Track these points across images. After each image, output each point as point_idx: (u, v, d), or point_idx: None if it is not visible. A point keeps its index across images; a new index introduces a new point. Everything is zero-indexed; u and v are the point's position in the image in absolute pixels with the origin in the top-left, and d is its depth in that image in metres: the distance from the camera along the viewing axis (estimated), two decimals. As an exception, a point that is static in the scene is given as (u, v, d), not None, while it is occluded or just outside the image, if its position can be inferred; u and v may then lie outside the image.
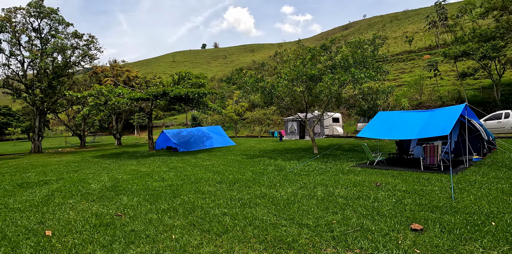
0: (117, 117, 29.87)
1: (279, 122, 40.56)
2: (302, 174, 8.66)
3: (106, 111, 18.33)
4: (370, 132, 10.05)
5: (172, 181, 8.24)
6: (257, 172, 9.38)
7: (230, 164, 11.69)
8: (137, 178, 9.11)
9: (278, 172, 9.27)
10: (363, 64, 12.52)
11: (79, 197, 6.69)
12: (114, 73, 28.24)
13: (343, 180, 7.60)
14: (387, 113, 10.97)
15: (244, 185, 7.44)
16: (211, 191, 6.83)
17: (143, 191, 7.04)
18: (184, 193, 6.75)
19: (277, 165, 10.79)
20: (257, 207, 5.40)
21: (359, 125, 23.40)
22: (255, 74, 13.82)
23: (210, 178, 8.54)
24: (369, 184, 7.00)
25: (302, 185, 7.14)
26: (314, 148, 14.43)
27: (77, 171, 11.21)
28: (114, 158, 16.07)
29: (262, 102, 14.59)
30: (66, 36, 24.74)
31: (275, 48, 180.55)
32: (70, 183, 8.55)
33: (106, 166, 12.67)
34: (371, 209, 5.03)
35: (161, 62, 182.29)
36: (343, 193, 6.20)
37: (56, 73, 23.39)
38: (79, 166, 13.10)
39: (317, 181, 7.54)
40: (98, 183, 8.42)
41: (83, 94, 16.51)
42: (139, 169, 11.08)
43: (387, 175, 8.10)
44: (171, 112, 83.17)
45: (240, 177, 8.51)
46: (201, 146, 21.17)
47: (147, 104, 20.70)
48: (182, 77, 19.87)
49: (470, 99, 29.26)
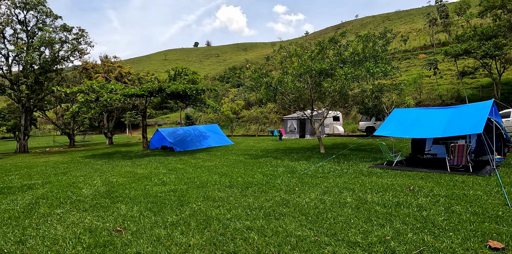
0: (108, 115, 28.58)
1: (276, 121, 39.78)
2: (318, 176, 7.83)
3: (97, 109, 17.17)
4: (388, 130, 9.30)
5: (175, 185, 7.31)
6: (267, 174, 8.52)
7: (234, 164, 10.80)
8: (134, 181, 8.14)
9: (290, 174, 8.43)
10: (374, 59, 11.77)
11: (69, 206, 5.70)
12: (105, 69, 26.92)
13: (368, 183, 6.80)
14: (403, 110, 10.25)
15: (258, 189, 6.57)
16: (223, 197, 5.94)
17: (143, 198, 6.10)
18: (192, 200, 5.84)
19: (286, 166, 9.95)
20: (284, 218, 4.54)
21: (361, 124, 22.77)
22: (259, 69, 12.93)
23: (217, 181, 7.63)
24: (400, 188, 6.22)
25: (325, 190, 6.31)
26: (320, 147, 13.65)
27: (66, 173, 10.15)
28: (106, 158, 14.98)
29: (265, 99, 13.62)
30: (54, 30, 23.38)
31: (268, 47, 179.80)
32: (58, 188, 7.53)
33: (98, 167, 11.62)
34: (423, 220, 4.22)
35: (153, 60, 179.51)
36: (377, 199, 5.39)
37: (44, 68, 22.04)
38: (68, 167, 12.01)
39: (340, 185, 6.72)
40: (90, 187, 7.43)
41: (72, 90, 15.36)
42: (135, 171, 10.09)
43: (414, 177, 7.35)
44: (163, 111, 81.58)
45: (251, 180, 7.64)
46: (198, 145, 20.20)
47: (141, 102, 19.61)
48: (178, 73, 18.84)
49: (470, 98, 29.00)
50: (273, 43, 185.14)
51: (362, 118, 22.85)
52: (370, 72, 10.04)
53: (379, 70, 9.98)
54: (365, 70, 10.10)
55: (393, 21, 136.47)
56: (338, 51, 12.37)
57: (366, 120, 22.33)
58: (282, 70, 12.44)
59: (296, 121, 24.41)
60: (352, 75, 10.13)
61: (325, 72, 11.09)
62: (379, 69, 9.98)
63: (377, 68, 9.97)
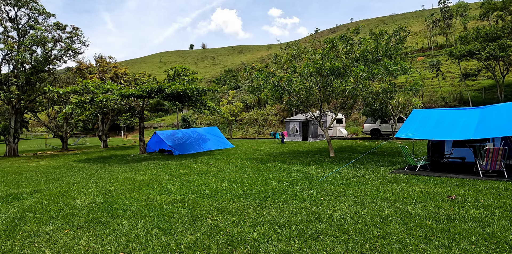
0: (103, 117, 27.56)
1: (275, 124, 39.06)
2: (340, 183, 7.08)
3: (92, 110, 16.25)
4: (411, 132, 8.60)
5: (182, 195, 6.48)
6: (282, 180, 7.75)
7: (241, 170, 10.00)
8: (134, 189, 7.29)
9: (307, 180, 7.67)
10: (388, 58, 11.11)
11: (60, 221, 4.85)
12: (100, 69, 25.95)
13: (400, 191, 6.07)
14: (424, 111, 9.58)
15: (278, 199, 5.79)
16: (240, 210, 5.15)
17: (147, 210, 5.27)
18: (205, 213, 5.03)
19: (299, 171, 9.19)
20: (323, 237, 3.76)
21: (366, 126, 22.14)
22: (266, 68, 12.20)
23: (228, 190, 6.83)
24: (439, 197, 5.50)
25: (355, 199, 5.55)
26: (330, 150, 12.91)
27: (58, 180, 9.24)
28: (102, 163, 14.06)
29: (271, 100, 12.88)
30: (47, 28, 22.40)
31: (264, 50, 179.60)
32: (48, 198, 6.65)
33: (93, 173, 10.71)
34: (492, 239, 3.49)
35: (148, 63, 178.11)
36: (422, 212, 4.65)
37: (35, 68, 21.02)
38: (60, 173, 11.08)
39: (369, 193, 5.98)
40: (85, 197, 6.56)
41: (65, 90, 14.43)
42: (134, 177, 9.23)
43: (447, 184, 6.64)
44: (158, 113, 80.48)
45: (266, 188, 6.85)
46: (198, 148, 19.35)
47: (138, 103, 18.72)
48: (178, 73, 18.02)
49: (472, 100, 28.65)
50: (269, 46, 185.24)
51: (367, 120, 22.23)
52: (388, 70, 9.37)
53: (398, 67, 9.32)
54: (382, 68, 9.42)
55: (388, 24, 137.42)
56: (350, 49, 11.70)
57: (371, 122, 21.71)
58: (291, 69, 11.71)
59: (299, 124, 23.70)
60: (368, 73, 9.44)
61: (338, 71, 10.39)
62: (398, 66, 9.32)
63: (396, 66, 9.31)
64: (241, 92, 49.77)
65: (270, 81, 11.56)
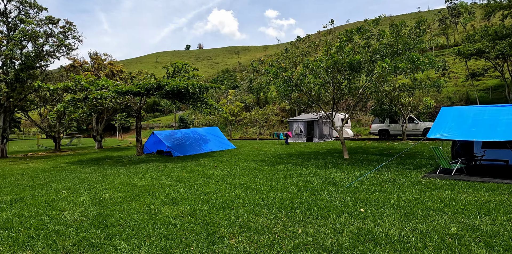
0: (98, 117, 26.35)
1: (275, 124, 38.10)
2: (373, 190, 6.12)
3: (86, 109, 15.13)
4: (446, 132, 7.68)
5: (191, 205, 5.46)
6: (303, 186, 6.77)
7: (251, 173, 9.01)
8: (133, 197, 6.25)
9: (332, 186, 6.70)
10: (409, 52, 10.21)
11: (41, 244, 3.81)
12: (95, 66, 24.78)
13: (450, 200, 5.13)
14: (455, 109, 8.68)
15: (309, 211, 4.80)
16: (268, 226, 4.15)
17: (151, 227, 4.25)
18: (224, 231, 4.03)
19: (318, 175, 8.22)
20: (395, 271, 2.78)
21: (374, 126, 21.27)
22: (277, 63, 11.23)
23: (244, 198, 5.83)
24: (503, 208, 4.56)
25: (402, 211, 4.59)
26: (344, 152, 11.97)
27: (46, 185, 8.15)
28: (96, 165, 12.95)
29: (279, 97, 11.91)
30: (39, 23, 21.21)
31: (260, 50, 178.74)
32: (31, 209, 5.59)
33: (85, 176, 9.63)
34: None
35: (144, 63, 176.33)
36: (497, 229, 3.71)
37: (26, 64, 19.82)
38: (49, 176, 9.98)
39: (414, 203, 5.03)
40: (76, 208, 5.51)
41: (57, 86, 13.31)
42: (132, 182, 8.18)
43: (503, 191, 5.70)
44: (154, 113, 79.02)
45: (288, 196, 5.87)
46: (198, 149, 18.31)
47: (135, 101, 17.63)
48: (178, 70, 16.97)
49: (480, 100, 27.97)
50: (265, 47, 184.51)
51: (374, 120, 21.35)
52: (415, 64, 8.46)
53: (426, 61, 8.41)
54: (409, 62, 8.51)
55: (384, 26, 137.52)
56: (367, 42, 10.78)
57: (379, 122, 20.84)
58: (303, 63, 10.75)
59: (303, 124, 22.75)
60: (392, 68, 8.50)
61: (358, 65, 9.46)
62: (426, 60, 8.42)
63: (425, 59, 8.41)
64: (239, 92, 48.78)
65: (281, 77, 10.59)
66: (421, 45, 9.87)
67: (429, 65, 8.57)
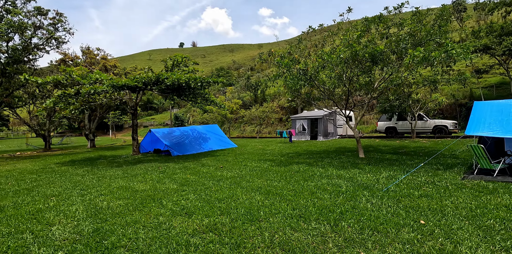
0: (90, 114, 25.09)
1: (273, 122, 37.20)
2: (417, 195, 5.25)
3: (78, 105, 13.99)
4: (486, 129, 6.86)
5: (208, 216, 4.52)
6: (332, 191, 5.87)
7: (264, 175, 8.09)
8: (135, 206, 5.28)
9: (365, 190, 5.82)
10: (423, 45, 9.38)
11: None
12: (87, 61, 23.50)
13: (522, 209, 4.29)
14: (490, 103, 7.88)
15: (357, 223, 3.91)
16: (317, 247, 3.24)
17: (165, 251, 3.30)
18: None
19: (341, 177, 7.34)
20: None
21: (380, 124, 20.50)
22: (289, 54, 10.31)
23: (269, 206, 4.90)
24: None
25: (473, 224, 3.73)
26: (359, 151, 11.14)
27: (32, 191, 7.10)
28: (89, 166, 11.89)
29: (288, 92, 10.99)
30: (27, 14, 19.89)
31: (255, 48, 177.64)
32: (11, 223, 4.58)
33: (78, 179, 8.59)
34: None
35: (137, 60, 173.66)
36: None
37: (12, 57, 18.54)
38: (37, 179, 8.91)
39: (478, 212, 4.18)
40: (67, 221, 4.52)
41: (45, 79, 12.16)
42: (132, 186, 7.18)
43: None
44: (148, 111, 77.39)
45: (322, 204, 4.96)
46: (198, 148, 17.33)
47: (131, 97, 16.53)
48: (177, 63, 15.91)
49: (485, 97, 27.47)
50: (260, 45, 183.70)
51: (381, 117, 20.58)
52: (449, 53, 7.62)
53: (460, 50, 7.59)
54: (442, 51, 7.67)
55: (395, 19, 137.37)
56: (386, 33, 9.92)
57: (386, 120, 20.08)
58: (318, 55, 9.84)
59: (307, 121, 21.88)
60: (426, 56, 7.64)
61: (382, 56, 8.59)
62: (460, 50, 7.59)
63: (459, 49, 7.59)
64: (236, 90, 47.74)
65: (294, 69, 9.67)
66: (444, 36, 9.04)
67: (463, 55, 7.75)
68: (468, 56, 7.89)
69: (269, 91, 41.71)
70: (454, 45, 7.67)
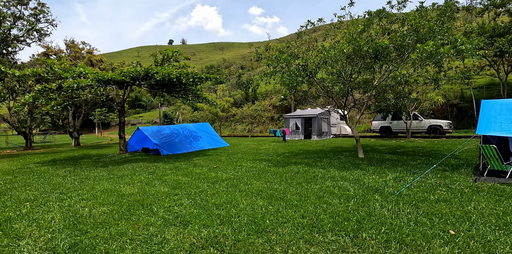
0: (74, 111, 23.96)
1: (264, 121, 36.71)
2: (433, 200, 4.81)
3: (60, 100, 13.11)
4: (498, 129, 6.51)
5: (206, 226, 3.94)
6: (340, 195, 5.38)
7: (262, 177, 7.55)
8: (122, 213, 4.64)
9: (376, 194, 5.35)
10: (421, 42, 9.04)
11: None
12: (71, 55, 22.38)
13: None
14: (499, 102, 7.57)
15: (379, 234, 3.41)
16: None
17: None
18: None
19: (346, 178, 6.87)
20: None
21: (375, 123, 20.26)
22: (288, 49, 9.78)
23: (275, 214, 4.36)
24: None
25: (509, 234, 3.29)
26: (358, 150, 10.73)
27: (4, 194, 6.34)
28: (72, 166, 11.08)
29: (285, 88, 10.47)
30: (6, 3, 18.71)
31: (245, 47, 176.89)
32: (-28, 233, 3.88)
33: (58, 181, 7.84)
34: None
35: (125, 57, 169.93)
36: None
37: (-11, 49, 17.39)
38: (12, 181, 8.10)
39: (508, 219, 3.75)
40: (39, 233, 3.86)
41: (23, 72, 11.27)
42: (118, 189, 6.52)
43: None
44: (136, 109, 75.63)
45: (333, 210, 4.46)
46: (189, 147, 16.65)
47: (117, 93, 15.68)
48: (167, 58, 15.17)
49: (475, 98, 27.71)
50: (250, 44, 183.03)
51: (375, 117, 20.35)
52: (457, 49, 7.26)
53: (470, 46, 7.24)
54: (451, 47, 7.30)
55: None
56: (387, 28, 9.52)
57: (380, 119, 19.86)
58: (318, 50, 9.34)
59: (300, 120, 21.46)
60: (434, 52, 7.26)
61: (386, 52, 8.17)
62: (469, 45, 7.24)
63: (469, 44, 7.24)
64: (227, 88, 47.00)
65: (293, 64, 9.16)
66: (449, 33, 8.70)
67: (472, 52, 7.40)
68: (476, 53, 7.55)
69: (260, 90, 41.18)
70: (464, 40, 7.30)
